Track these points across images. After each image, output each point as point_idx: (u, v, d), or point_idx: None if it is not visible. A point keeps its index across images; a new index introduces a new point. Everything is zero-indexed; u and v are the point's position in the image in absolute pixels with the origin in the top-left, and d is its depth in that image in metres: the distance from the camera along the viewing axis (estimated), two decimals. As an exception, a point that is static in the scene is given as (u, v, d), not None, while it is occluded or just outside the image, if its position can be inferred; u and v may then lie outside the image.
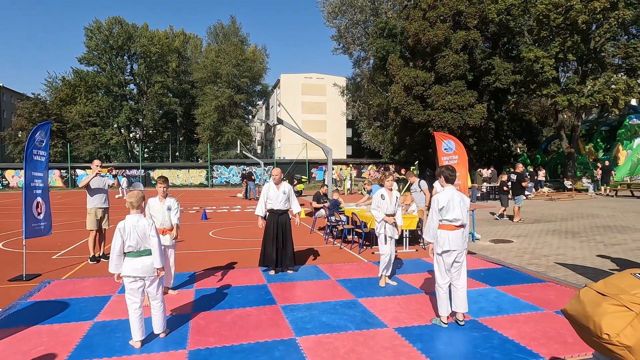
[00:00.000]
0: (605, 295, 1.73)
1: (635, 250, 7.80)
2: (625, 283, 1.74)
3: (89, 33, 47.12)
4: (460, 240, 4.27)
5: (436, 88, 24.40)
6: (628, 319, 1.61)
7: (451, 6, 23.86)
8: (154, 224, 3.98)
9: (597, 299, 1.75)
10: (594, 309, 1.71)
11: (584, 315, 1.76)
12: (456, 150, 8.60)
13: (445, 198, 4.28)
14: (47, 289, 5.66)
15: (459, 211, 4.26)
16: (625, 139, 24.11)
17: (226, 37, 53.26)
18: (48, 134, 6.95)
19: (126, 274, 3.76)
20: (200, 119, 47.92)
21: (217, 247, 8.80)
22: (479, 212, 13.42)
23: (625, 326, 1.60)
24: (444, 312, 4.24)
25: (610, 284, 1.79)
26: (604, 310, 1.67)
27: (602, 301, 1.71)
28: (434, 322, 4.34)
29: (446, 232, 4.26)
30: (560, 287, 5.61)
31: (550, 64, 20.41)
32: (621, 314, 1.63)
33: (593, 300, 1.76)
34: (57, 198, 23.96)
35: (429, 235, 4.35)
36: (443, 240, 4.25)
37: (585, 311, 1.75)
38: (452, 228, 4.26)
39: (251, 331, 4.14)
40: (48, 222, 6.85)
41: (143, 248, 3.83)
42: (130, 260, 3.78)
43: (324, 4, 38.59)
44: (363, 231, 8.08)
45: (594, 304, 1.74)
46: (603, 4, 18.65)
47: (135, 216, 3.91)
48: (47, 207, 6.84)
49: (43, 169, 6.81)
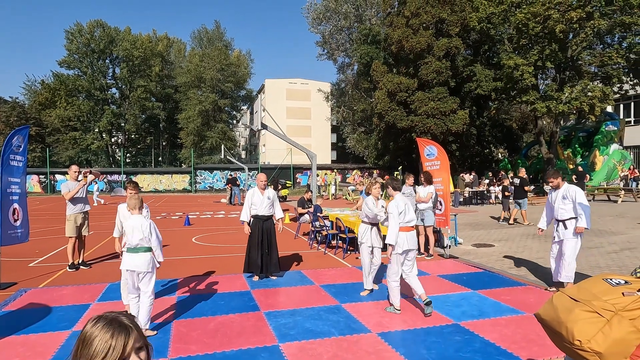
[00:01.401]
0: (578, 301, 1.74)
1: (612, 253, 8.00)
2: (598, 289, 1.75)
3: (70, 36, 46.28)
4: (414, 239, 4.97)
5: (419, 94, 24.71)
6: (599, 325, 1.62)
7: (433, 14, 24.26)
8: (153, 224, 4.28)
9: (569, 304, 1.76)
10: (567, 315, 1.72)
11: (556, 320, 1.77)
12: (438, 156, 8.71)
13: (402, 203, 4.92)
14: (23, 297, 5.51)
15: (412, 214, 4.97)
16: (602, 145, 24.79)
17: (210, 41, 52.98)
18: (26, 138, 6.80)
19: (125, 268, 4.19)
20: (183, 124, 47.46)
21: (200, 253, 8.71)
22: (462, 217, 13.59)
23: (596, 332, 1.61)
24: (399, 303, 4.87)
25: (583, 289, 1.80)
26: (576, 317, 1.68)
27: (575, 307, 1.72)
28: (389, 310, 4.89)
29: (405, 234, 4.84)
30: (540, 290, 5.72)
31: (530, 72, 20.88)
32: (593, 320, 1.64)
33: (565, 306, 1.77)
34: (35, 204, 23.36)
35: (392, 239, 4.76)
36: (403, 240, 4.81)
37: (558, 317, 1.76)
38: (409, 229, 4.90)
39: (234, 338, 4.11)
40: (25, 229, 6.68)
41: (140, 245, 4.18)
42: (129, 256, 4.18)
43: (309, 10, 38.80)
44: (347, 236, 8.10)
45: (567, 310, 1.74)
46: (579, 14, 19.21)
47: (139, 217, 4.27)
48: (25, 213, 6.67)
49: (20, 175, 6.65)
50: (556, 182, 5.76)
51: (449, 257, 7.95)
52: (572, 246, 5.53)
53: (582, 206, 5.45)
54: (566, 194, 5.63)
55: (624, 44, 20.90)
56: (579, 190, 5.60)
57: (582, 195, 5.56)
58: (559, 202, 5.70)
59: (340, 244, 8.78)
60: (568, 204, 5.60)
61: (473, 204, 19.66)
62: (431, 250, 8.06)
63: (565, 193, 5.65)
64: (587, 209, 5.45)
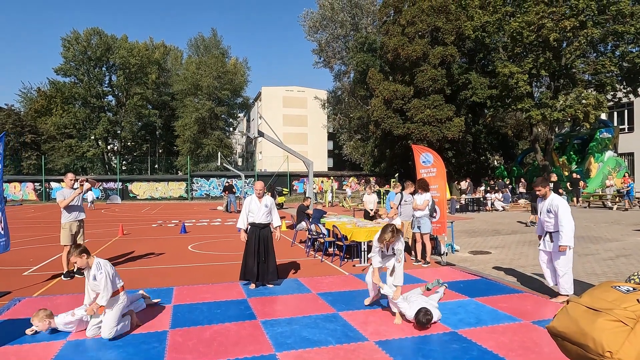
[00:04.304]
0: (598, 311, 1.69)
1: (607, 260, 8.03)
2: (612, 297, 1.72)
3: (67, 44, 46.29)
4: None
5: (415, 102, 24.87)
6: (624, 334, 1.60)
7: (429, 22, 24.50)
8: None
9: (591, 315, 1.71)
10: (591, 326, 1.67)
11: (579, 332, 1.71)
12: (434, 163, 8.74)
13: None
14: (17, 307, 5.45)
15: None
16: (597, 152, 24.96)
17: (207, 49, 53.13)
18: (2, 144, 6.66)
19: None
20: (180, 131, 47.42)
21: (196, 261, 8.66)
22: (458, 224, 13.61)
23: (623, 342, 1.59)
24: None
25: (597, 298, 1.76)
26: (602, 327, 1.64)
27: (597, 317, 1.67)
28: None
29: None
30: (537, 297, 5.72)
31: (524, 79, 21.08)
32: (618, 329, 1.61)
33: (587, 317, 1.71)
34: (30, 212, 23.21)
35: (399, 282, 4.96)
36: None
37: (581, 328, 1.70)
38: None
39: (230, 347, 4.07)
40: (7, 238, 6.53)
41: None
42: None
43: (305, 19, 39.11)
44: (344, 244, 8.08)
45: (590, 321, 1.69)
46: (573, 23, 19.46)
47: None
48: (5, 221, 6.53)
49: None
50: (544, 191, 5.67)
51: (446, 264, 7.95)
52: (564, 258, 5.45)
53: (564, 221, 5.33)
54: (550, 207, 5.55)
55: (617, 53, 21.16)
56: (563, 204, 5.46)
57: (564, 209, 5.39)
58: (544, 214, 5.64)
59: (337, 251, 8.76)
60: (552, 217, 5.51)
61: (470, 211, 19.70)
62: (428, 258, 8.05)
63: (549, 206, 5.57)
64: (568, 225, 5.33)
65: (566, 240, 5.33)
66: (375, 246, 5.04)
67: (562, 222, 5.36)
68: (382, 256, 5.05)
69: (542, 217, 5.71)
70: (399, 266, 4.86)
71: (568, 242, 5.33)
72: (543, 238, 5.73)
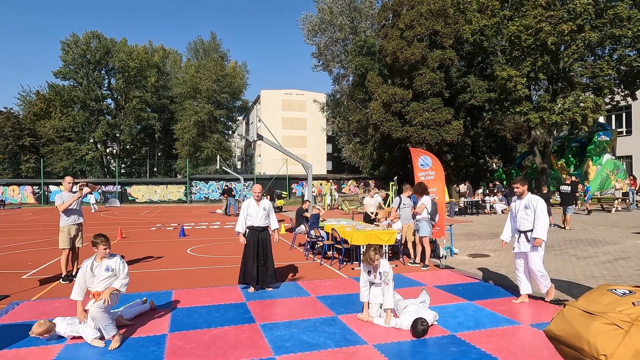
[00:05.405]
0: (593, 314, 1.71)
1: (606, 262, 8.04)
2: (607, 300, 1.73)
3: (66, 47, 46.34)
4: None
5: (414, 105, 24.90)
6: (619, 337, 1.61)
7: (427, 26, 24.57)
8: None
9: (586, 318, 1.72)
10: (586, 329, 1.68)
11: (575, 335, 1.72)
12: (433, 166, 8.76)
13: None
14: (16, 311, 5.44)
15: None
16: (595, 155, 25.04)
17: (206, 52, 53.25)
18: None
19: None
20: (179, 134, 47.44)
21: (195, 264, 8.65)
22: (457, 227, 13.62)
23: (618, 345, 1.60)
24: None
25: (593, 301, 1.77)
26: (597, 330, 1.65)
27: (592, 320, 1.69)
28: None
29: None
30: (535, 300, 5.72)
31: (523, 83, 21.14)
32: (612, 332, 1.62)
33: (582, 320, 1.73)
34: (29, 215, 23.17)
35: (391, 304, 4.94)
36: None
37: (577, 331, 1.72)
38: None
39: (229, 351, 4.07)
40: None
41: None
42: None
43: (304, 22, 39.18)
44: (343, 247, 8.08)
45: (585, 324, 1.70)
46: (570, 27, 19.54)
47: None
48: None
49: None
50: (522, 189, 5.65)
51: (445, 267, 7.95)
52: (538, 258, 5.45)
53: (542, 218, 5.36)
54: (528, 204, 5.54)
55: (614, 56, 21.24)
56: (541, 201, 5.49)
57: (542, 206, 5.43)
58: (522, 212, 5.61)
59: (336, 254, 8.76)
60: (530, 214, 5.50)
61: (468, 214, 19.71)
62: (427, 261, 8.06)
63: (527, 203, 5.56)
64: (544, 222, 5.36)
65: (540, 233, 5.36)
66: (364, 277, 4.98)
67: (540, 218, 5.39)
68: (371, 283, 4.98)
69: (518, 216, 5.66)
70: (387, 289, 4.79)
71: (542, 235, 5.36)
72: (517, 240, 5.70)
